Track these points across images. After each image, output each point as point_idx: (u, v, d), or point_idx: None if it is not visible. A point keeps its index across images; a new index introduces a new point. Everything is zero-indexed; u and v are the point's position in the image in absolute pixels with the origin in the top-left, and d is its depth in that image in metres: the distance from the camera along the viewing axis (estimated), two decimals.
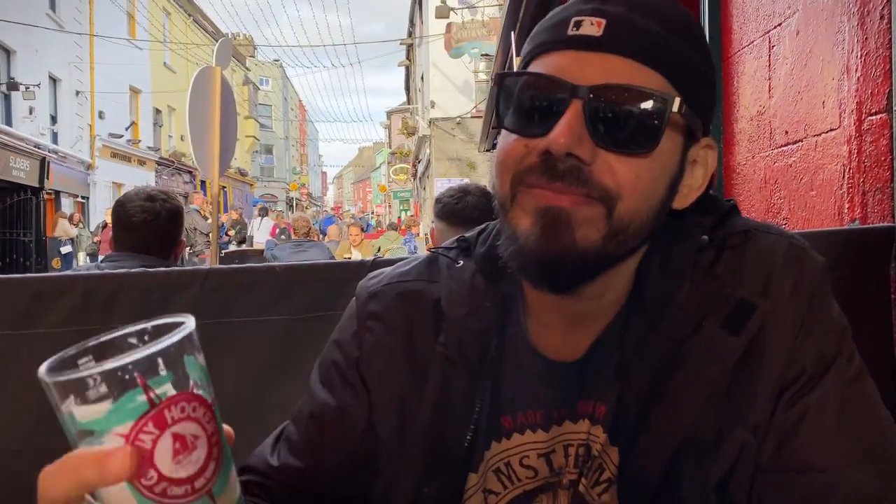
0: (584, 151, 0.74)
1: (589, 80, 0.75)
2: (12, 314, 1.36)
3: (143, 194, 2.44)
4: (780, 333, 0.79)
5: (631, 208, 0.76)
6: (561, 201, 0.75)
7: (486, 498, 0.89)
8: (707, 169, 0.84)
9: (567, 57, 0.77)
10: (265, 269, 1.47)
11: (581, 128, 0.74)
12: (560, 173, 0.75)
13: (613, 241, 0.77)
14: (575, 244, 0.75)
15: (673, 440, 0.79)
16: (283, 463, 0.92)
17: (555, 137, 0.74)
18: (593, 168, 0.75)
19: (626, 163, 0.75)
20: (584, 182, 0.75)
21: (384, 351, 0.92)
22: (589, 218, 0.75)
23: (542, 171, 0.76)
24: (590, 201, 0.75)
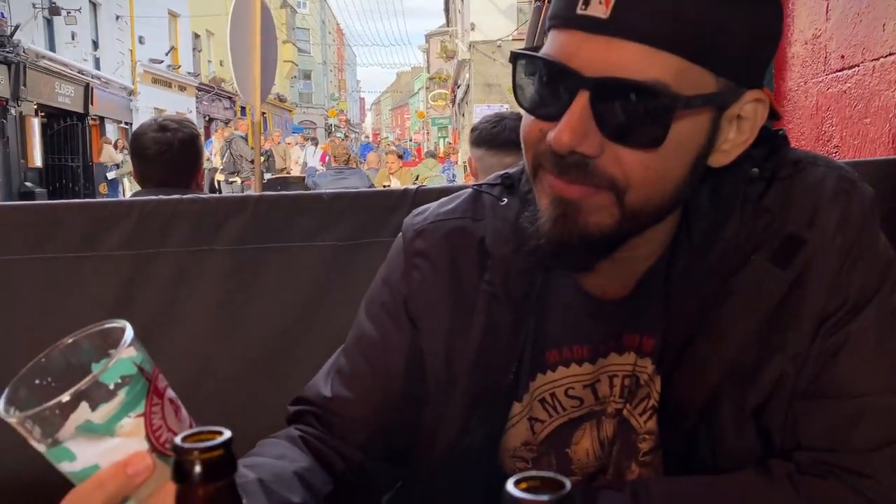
0: (588, 147, 0.74)
1: (595, 69, 0.73)
2: (74, 238, 1.42)
3: (156, 125, 2.43)
4: (826, 265, 0.80)
5: (642, 196, 0.77)
6: (571, 193, 0.77)
7: (531, 426, 0.93)
8: (756, 122, 0.81)
9: (575, 39, 0.75)
10: (313, 196, 1.50)
11: (587, 120, 0.74)
12: (567, 166, 0.76)
13: (629, 222, 0.78)
14: (588, 230, 0.78)
15: (716, 369, 0.81)
16: (335, 394, 0.97)
17: (557, 136, 0.74)
18: (600, 161, 0.75)
19: (634, 155, 0.75)
20: (591, 175, 0.76)
21: (431, 288, 0.95)
22: (600, 206, 0.77)
23: (553, 160, 0.77)
24: (599, 191, 0.76)
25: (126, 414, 0.55)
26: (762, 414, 0.82)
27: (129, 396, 0.55)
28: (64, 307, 1.45)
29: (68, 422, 0.54)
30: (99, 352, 0.60)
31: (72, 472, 0.56)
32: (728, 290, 0.81)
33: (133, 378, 0.56)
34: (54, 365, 0.60)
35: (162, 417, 0.57)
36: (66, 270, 1.45)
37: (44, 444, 0.55)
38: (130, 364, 0.56)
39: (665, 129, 0.74)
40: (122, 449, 0.55)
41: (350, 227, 1.50)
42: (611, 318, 0.89)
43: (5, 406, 0.56)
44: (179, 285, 1.48)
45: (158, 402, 0.57)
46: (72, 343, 0.60)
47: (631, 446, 0.89)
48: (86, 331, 0.61)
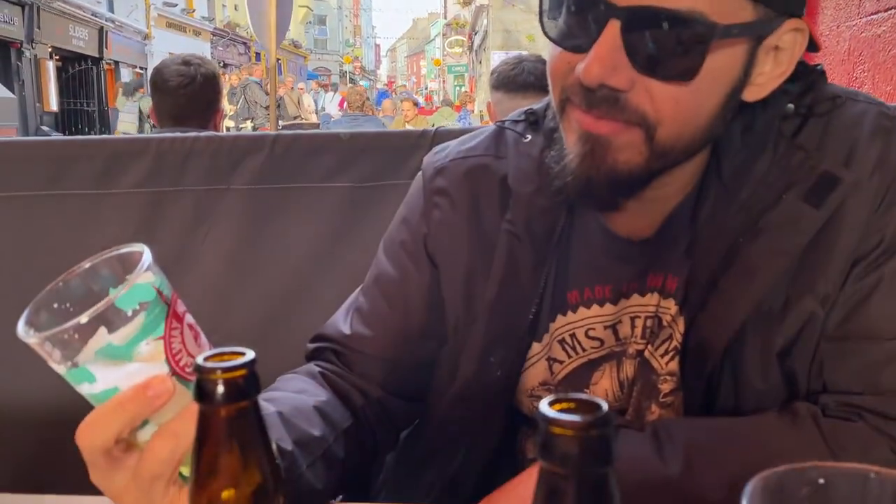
0: (618, 80, 0.71)
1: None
2: (92, 174, 1.42)
3: (179, 59, 2.44)
4: (861, 205, 0.78)
5: (673, 133, 0.74)
6: (600, 128, 0.75)
7: (550, 366, 0.92)
8: (794, 53, 0.78)
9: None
10: (330, 136, 1.48)
11: (617, 52, 0.71)
12: (597, 101, 0.73)
13: (659, 160, 0.76)
14: (616, 168, 0.75)
15: (742, 310, 0.79)
16: (354, 332, 0.97)
17: (587, 68, 0.71)
18: (630, 95, 0.72)
19: (665, 88, 0.72)
20: (621, 110, 0.73)
21: (451, 227, 0.93)
22: (629, 143, 0.74)
23: (581, 94, 0.74)
24: (629, 127, 0.74)
25: (145, 337, 0.55)
26: (788, 356, 0.81)
27: (148, 320, 0.55)
28: (81, 245, 1.45)
29: (87, 345, 0.54)
30: (118, 276, 0.59)
31: (91, 394, 0.56)
32: (758, 229, 0.79)
33: (152, 302, 0.55)
34: (73, 289, 0.59)
35: (181, 341, 0.56)
36: (83, 208, 1.44)
37: (63, 366, 0.55)
38: (149, 288, 0.55)
39: (700, 60, 0.71)
40: (142, 372, 0.55)
41: (368, 168, 1.48)
42: (635, 258, 0.87)
43: (25, 327, 0.56)
44: (197, 224, 1.47)
45: (178, 326, 0.56)
46: (90, 267, 0.60)
47: (651, 387, 0.88)
48: (104, 255, 0.60)
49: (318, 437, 0.83)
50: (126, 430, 0.56)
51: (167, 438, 0.55)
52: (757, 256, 0.79)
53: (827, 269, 0.78)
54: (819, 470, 0.38)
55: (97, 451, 0.56)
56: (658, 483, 0.75)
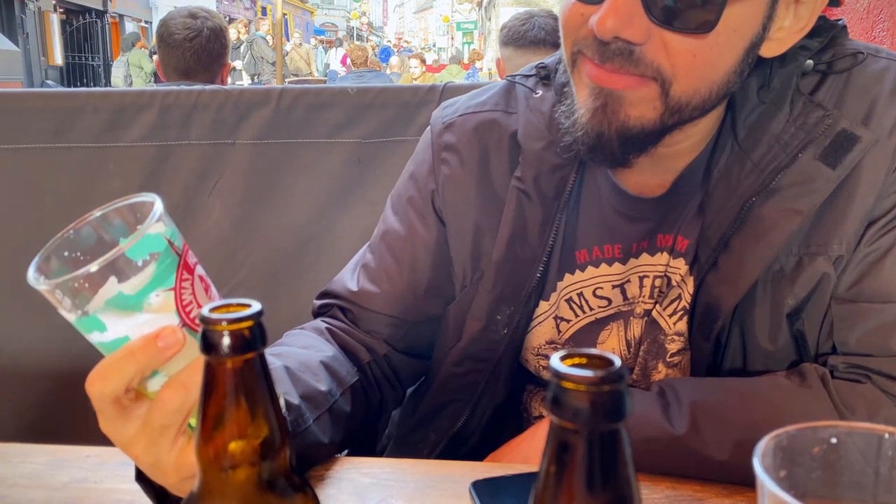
0: (633, 33, 0.69)
1: None
2: (96, 127, 1.41)
3: (185, 12, 2.40)
4: (878, 165, 0.76)
5: (688, 88, 0.72)
6: (614, 83, 0.73)
7: (557, 324, 0.91)
8: (815, 7, 0.75)
9: None
10: (338, 91, 1.46)
11: (633, 3, 0.68)
12: (610, 54, 0.71)
13: (673, 116, 0.74)
14: (629, 124, 0.74)
15: (753, 270, 0.78)
16: (361, 288, 0.96)
17: (601, 20, 0.69)
18: (646, 47, 0.70)
19: (682, 41, 0.70)
20: (636, 63, 0.71)
21: (460, 183, 0.92)
22: (643, 98, 0.73)
23: (594, 46, 0.72)
24: (644, 81, 0.72)
25: (156, 288, 0.54)
26: (798, 317, 0.80)
27: (159, 270, 0.54)
28: (87, 197, 1.45)
29: (98, 294, 0.53)
30: (129, 225, 0.58)
31: (101, 343, 0.56)
32: (772, 188, 0.77)
33: (163, 252, 0.54)
34: (84, 238, 0.58)
35: (192, 293, 0.56)
36: (89, 160, 1.44)
37: (74, 315, 0.55)
38: (160, 238, 0.54)
39: (718, 12, 0.69)
40: (153, 323, 0.54)
41: (375, 123, 1.46)
42: (646, 216, 0.86)
43: (35, 274, 0.55)
44: (202, 179, 1.47)
45: (188, 278, 0.56)
46: (101, 216, 0.59)
47: (659, 347, 0.88)
48: (115, 204, 0.59)
49: (325, 392, 0.83)
50: (136, 379, 0.56)
51: (177, 389, 0.55)
52: (770, 216, 0.77)
53: (841, 230, 0.77)
54: (832, 429, 0.38)
55: (107, 400, 0.57)
56: (664, 442, 0.75)
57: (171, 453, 0.57)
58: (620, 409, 0.29)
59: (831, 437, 0.38)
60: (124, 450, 0.59)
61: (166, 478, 0.59)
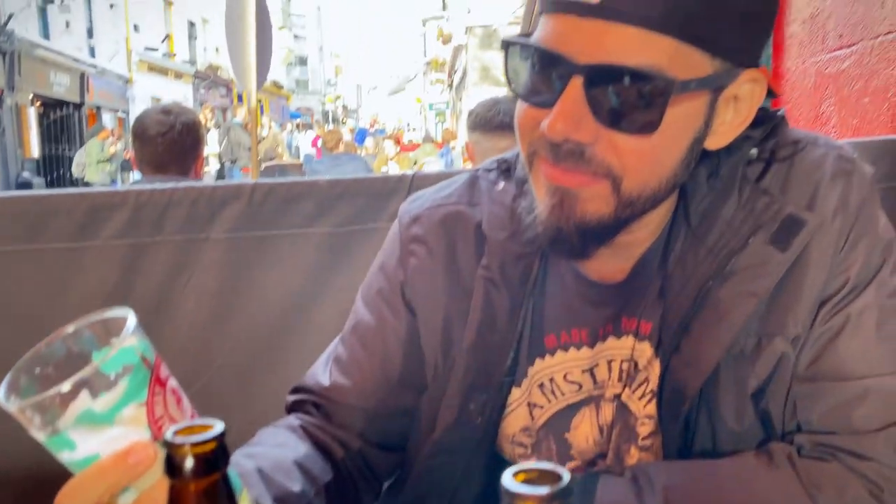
0: (583, 134, 0.73)
1: (588, 55, 0.71)
2: (71, 227, 1.42)
3: (160, 108, 2.49)
4: (826, 246, 0.80)
5: (638, 184, 0.76)
6: (567, 181, 0.76)
7: (530, 411, 0.92)
8: (753, 103, 0.80)
9: (567, 24, 0.72)
10: (309, 183, 1.49)
11: (581, 107, 0.72)
12: (563, 154, 0.75)
13: (626, 210, 0.78)
14: (585, 219, 0.77)
15: (714, 352, 0.80)
16: (333, 382, 0.97)
17: (551, 124, 0.73)
18: (596, 148, 0.74)
19: (629, 141, 0.73)
20: (588, 162, 0.75)
21: (428, 274, 0.94)
22: (597, 194, 0.76)
23: (548, 148, 0.76)
24: (596, 179, 0.75)
25: (128, 403, 0.55)
26: (762, 397, 0.81)
27: (132, 385, 0.55)
28: (61, 298, 1.45)
29: (69, 410, 0.54)
30: (101, 340, 0.59)
31: (72, 462, 0.56)
32: (727, 272, 0.80)
33: (135, 367, 0.55)
34: (55, 353, 0.59)
35: (164, 407, 0.56)
36: (63, 261, 1.44)
37: (44, 433, 0.55)
38: (133, 353, 0.55)
39: (660, 114, 0.72)
40: (124, 438, 0.54)
41: (347, 213, 1.49)
42: (609, 301, 0.89)
43: (6, 393, 0.55)
44: (176, 274, 1.48)
45: (160, 392, 0.56)
46: (73, 331, 0.60)
47: (630, 431, 0.89)
48: (88, 319, 0.60)
49: (298, 493, 0.82)
50: (106, 497, 0.56)
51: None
52: (727, 299, 0.80)
53: (796, 311, 0.80)
54: None
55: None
56: None
57: None
58: None
59: None
60: None
61: None
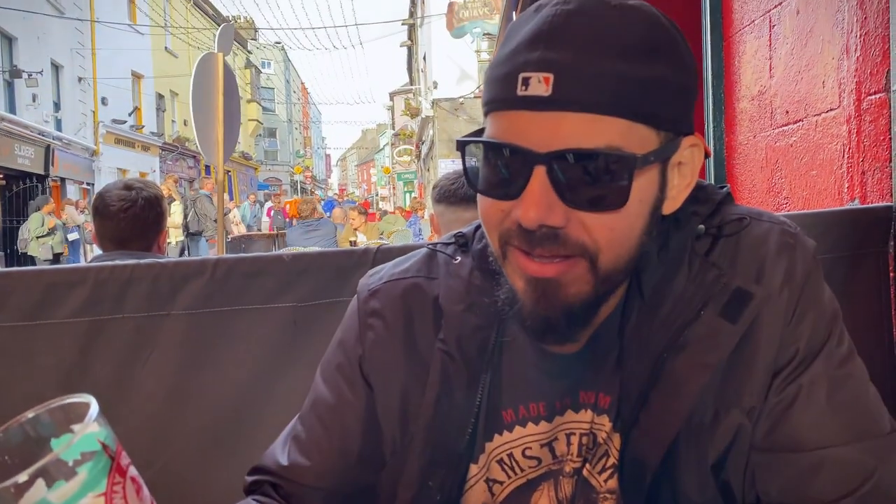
0: (555, 219, 0.76)
1: (546, 144, 0.74)
2: (28, 305, 1.39)
3: (121, 184, 2.47)
4: (774, 319, 0.82)
5: (612, 258, 0.79)
6: (546, 272, 0.78)
7: (489, 487, 0.92)
8: (695, 165, 0.84)
9: (521, 118, 0.76)
10: (273, 258, 1.49)
11: (549, 194, 0.75)
12: (538, 240, 0.77)
13: (604, 285, 0.81)
14: (569, 303, 0.80)
15: (672, 423, 0.82)
16: (292, 462, 0.96)
17: (524, 212, 0.75)
18: (568, 229, 0.77)
19: (599, 218, 0.77)
20: (563, 244, 0.77)
21: (386, 347, 0.94)
22: (576, 277, 0.79)
23: (521, 236, 0.78)
24: (573, 261, 0.78)
25: (86, 493, 0.53)
26: (722, 468, 0.82)
27: (91, 475, 0.53)
28: (15, 376, 1.41)
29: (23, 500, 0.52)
30: (61, 427, 0.58)
31: None
32: (680, 344, 0.82)
33: (96, 455, 0.54)
34: (12, 440, 0.57)
35: (123, 497, 0.55)
36: (19, 339, 1.41)
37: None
38: (94, 440, 0.54)
39: (627, 189, 0.75)
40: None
41: (310, 287, 1.49)
42: (566, 373, 0.89)
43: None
44: (136, 351, 1.45)
45: (120, 481, 0.55)
46: (32, 417, 0.58)
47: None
48: (48, 405, 0.59)
49: None
50: None
51: None
52: (681, 371, 0.82)
53: (750, 382, 0.82)
54: None
55: None
56: None
57: None
58: None
59: None
60: None
61: None
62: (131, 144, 25.01)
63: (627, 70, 0.74)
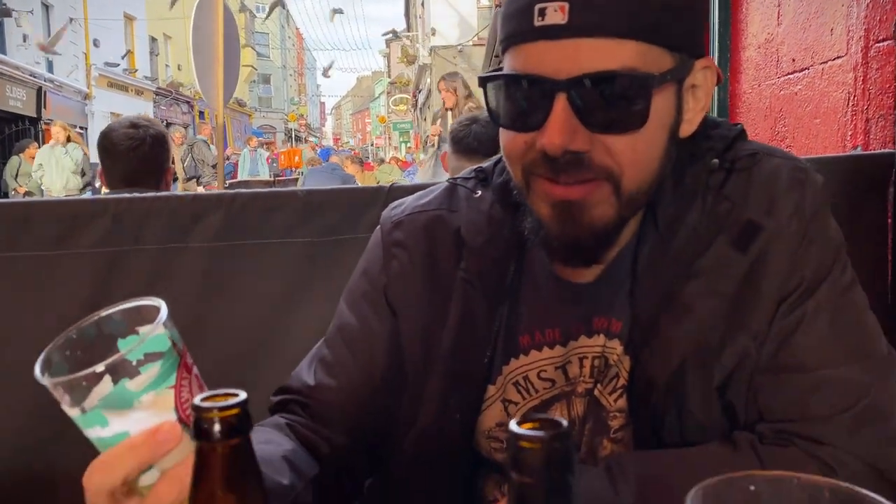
0: (578, 143, 0.79)
1: (567, 71, 0.77)
2: (50, 234, 1.43)
3: (127, 122, 2.46)
4: (783, 249, 0.86)
5: (636, 178, 0.82)
6: (571, 194, 0.82)
7: (505, 407, 0.97)
8: (708, 88, 0.88)
9: (539, 49, 0.79)
10: (288, 193, 1.52)
11: (571, 120, 0.78)
12: (563, 165, 0.80)
13: (627, 208, 0.84)
14: (594, 224, 0.83)
15: (681, 348, 0.86)
16: (318, 382, 1.00)
17: (549, 139, 0.78)
18: (592, 154, 0.80)
19: (621, 140, 0.80)
20: (587, 168, 0.80)
21: (409, 277, 0.98)
22: (600, 199, 0.82)
23: (545, 164, 0.81)
24: (597, 184, 0.81)
25: (158, 386, 0.58)
26: (726, 389, 0.87)
27: (163, 370, 0.58)
28: (39, 304, 1.45)
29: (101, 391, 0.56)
30: (132, 326, 0.62)
31: (100, 438, 0.58)
32: (692, 272, 0.86)
33: (166, 353, 0.58)
34: (85, 337, 0.61)
35: (189, 391, 0.59)
36: (42, 268, 1.45)
37: (76, 410, 0.57)
38: (165, 339, 0.58)
39: (647, 108, 0.79)
40: (152, 419, 0.57)
41: (325, 223, 1.53)
42: (581, 302, 0.94)
43: (41, 369, 0.58)
44: (155, 282, 1.49)
45: (187, 377, 0.59)
46: (105, 316, 0.62)
47: (602, 424, 0.94)
48: (120, 306, 0.63)
49: (287, 486, 0.85)
50: (134, 472, 0.58)
51: (172, 484, 0.57)
52: (692, 298, 0.86)
53: (757, 309, 0.86)
54: (750, 479, 0.44)
55: (103, 493, 0.58)
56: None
57: None
58: (569, 463, 0.35)
59: (750, 486, 0.44)
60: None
61: None
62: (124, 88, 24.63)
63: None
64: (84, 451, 1.59)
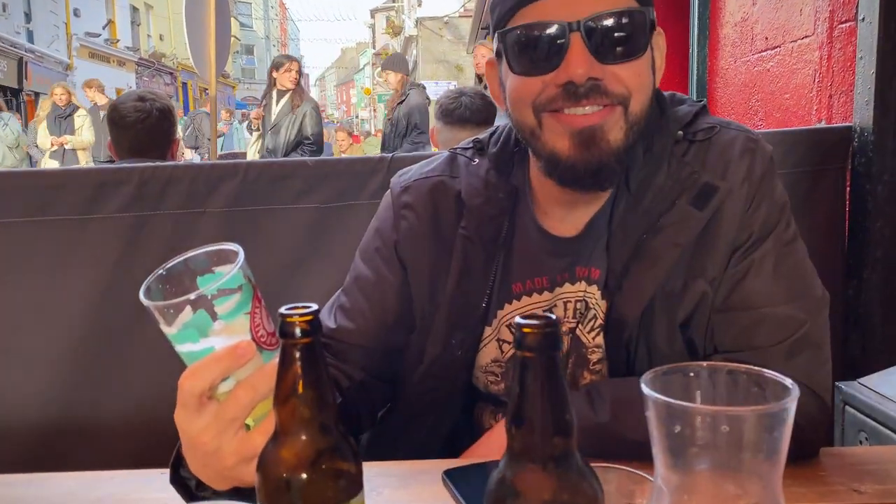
0: (597, 71, 0.94)
1: (579, 13, 0.93)
2: (80, 201, 1.56)
3: (135, 95, 2.58)
4: (735, 208, 1.01)
5: (639, 103, 0.98)
6: (592, 120, 0.96)
7: (499, 346, 1.12)
8: (663, 50, 1.04)
9: (549, 2, 0.94)
10: (298, 163, 1.66)
11: (587, 53, 0.93)
12: (584, 92, 0.95)
13: (632, 131, 0.99)
14: (611, 148, 0.97)
15: (648, 290, 1.01)
16: (339, 325, 1.15)
17: (573, 69, 0.93)
18: (606, 82, 0.95)
19: (628, 68, 0.96)
20: (605, 93, 0.95)
21: (417, 234, 1.13)
22: (615, 122, 0.97)
23: (564, 97, 0.96)
24: (612, 108, 0.96)
25: (238, 312, 0.71)
26: (688, 327, 1.03)
27: (243, 298, 0.71)
28: (69, 266, 1.59)
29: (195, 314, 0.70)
30: (214, 263, 0.75)
31: (190, 352, 0.72)
32: (658, 227, 1.01)
33: (244, 285, 0.72)
34: (173, 272, 0.75)
35: (260, 317, 0.73)
36: (71, 232, 1.58)
37: (174, 328, 0.72)
38: (241, 277, 0.72)
39: (647, 37, 0.96)
40: (232, 338, 0.71)
41: (332, 190, 1.67)
42: (565, 253, 1.09)
43: (144, 293, 0.72)
44: (175, 245, 1.62)
45: (258, 306, 0.73)
46: (191, 256, 0.76)
47: (583, 358, 1.09)
48: (204, 248, 0.77)
49: None
50: (219, 379, 0.72)
51: (247, 389, 0.72)
52: (657, 248, 1.01)
53: (713, 258, 1.01)
54: (690, 367, 0.59)
55: (194, 395, 0.72)
56: (592, 430, 0.95)
57: (233, 441, 0.73)
58: (557, 343, 0.50)
59: (690, 372, 0.59)
60: (194, 437, 0.75)
61: (223, 461, 0.75)
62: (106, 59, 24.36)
63: None
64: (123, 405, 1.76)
